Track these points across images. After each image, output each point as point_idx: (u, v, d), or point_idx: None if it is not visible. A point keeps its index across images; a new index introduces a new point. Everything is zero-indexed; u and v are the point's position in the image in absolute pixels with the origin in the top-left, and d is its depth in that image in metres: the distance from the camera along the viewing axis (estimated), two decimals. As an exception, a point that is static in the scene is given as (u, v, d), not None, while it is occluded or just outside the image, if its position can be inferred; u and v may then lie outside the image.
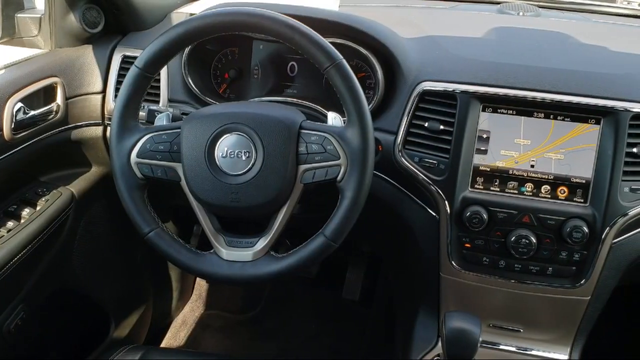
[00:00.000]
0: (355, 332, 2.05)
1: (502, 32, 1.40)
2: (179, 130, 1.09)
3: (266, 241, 1.09)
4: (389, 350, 1.48)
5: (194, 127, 1.08)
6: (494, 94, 1.17)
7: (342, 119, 1.11)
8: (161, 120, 1.18)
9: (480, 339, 1.13)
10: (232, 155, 1.07)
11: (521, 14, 1.57)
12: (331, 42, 1.26)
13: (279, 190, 1.06)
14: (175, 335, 2.07)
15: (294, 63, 1.39)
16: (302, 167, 1.06)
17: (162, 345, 2.03)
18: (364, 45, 1.29)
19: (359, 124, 1.03)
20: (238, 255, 1.10)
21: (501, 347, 1.34)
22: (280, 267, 1.08)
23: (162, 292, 2.04)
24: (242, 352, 2.04)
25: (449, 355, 1.07)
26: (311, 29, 1.03)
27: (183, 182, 1.10)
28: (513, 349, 1.34)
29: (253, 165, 1.06)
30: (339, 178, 1.05)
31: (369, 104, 1.27)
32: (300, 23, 1.04)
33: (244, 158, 1.06)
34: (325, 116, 1.16)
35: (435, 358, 1.30)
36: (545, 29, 1.44)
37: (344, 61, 1.03)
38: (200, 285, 2.24)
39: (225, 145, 1.07)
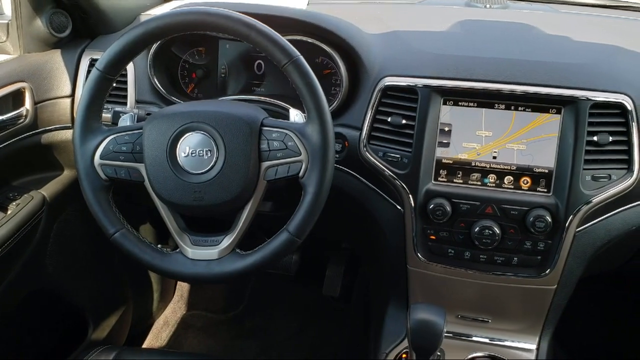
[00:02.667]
0: (335, 329, 2.06)
1: (467, 25, 1.41)
2: (141, 130, 1.10)
3: (231, 239, 1.10)
4: (365, 345, 1.49)
5: (155, 127, 1.09)
6: (454, 87, 1.18)
7: (304, 115, 1.12)
8: (125, 121, 1.18)
9: (446, 330, 1.15)
10: (194, 154, 1.07)
11: (488, 6, 1.58)
12: (294, 40, 1.29)
13: (241, 188, 1.07)
14: (157, 336, 2.08)
15: (261, 61, 1.40)
16: (265, 164, 1.07)
17: (144, 346, 2.03)
18: (326, 42, 1.30)
19: (318, 120, 1.04)
20: (203, 253, 1.11)
21: (470, 338, 1.35)
22: (245, 264, 1.09)
23: (143, 293, 2.04)
24: (224, 352, 2.05)
25: (413, 346, 1.08)
26: (268, 27, 1.04)
27: (147, 183, 1.10)
28: (482, 339, 1.35)
29: (215, 163, 1.07)
30: (300, 174, 1.06)
31: (334, 101, 1.29)
32: (257, 21, 1.04)
33: (205, 157, 1.07)
34: None
35: (405, 350, 1.31)
36: (510, 21, 1.46)
37: (302, 58, 1.04)
38: (182, 286, 2.25)
39: (187, 144, 1.08)
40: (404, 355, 1.30)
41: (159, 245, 1.15)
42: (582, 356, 1.98)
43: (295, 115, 1.14)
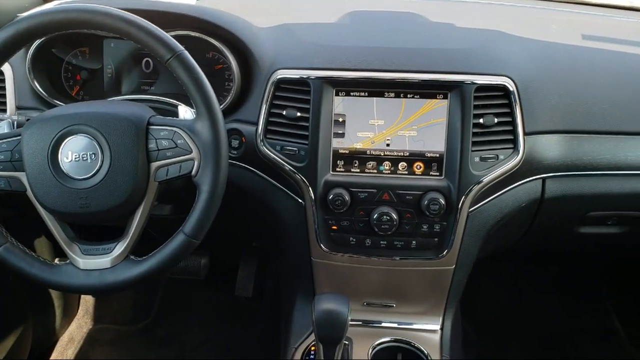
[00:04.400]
0: (250, 329, 2.04)
1: (357, 15, 1.42)
2: (19, 137, 1.03)
3: (124, 245, 1.06)
4: (275, 342, 1.48)
5: (34, 132, 1.03)
6: (345, 78, 1.19)
7: (193, 111, 1.09)
8: (2, 128, 1.11)
9: (352, 318, 1.16)
10: (78, 159, 1.02)
11: (383, -4, 1.61)
12: (181, 35, 1.27)
13: (130, 191, 1.03)
14: (62, 354, 1.97)
15: (149, 59, 1.36)
16: (154, 164, 1.04)
17: (48, 365, 1.93)
18: (216, 37, 1.27)
19: (207, 115, 1.02)
20: (95, 263, 1.06)
21: (376, 324, 1.37)
22: (141, 271, 1.05)
23: (43, 309, 1.93)
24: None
25: (319, 337, 1.08)
26: (148, 22, 1.00)
27: (29, 192, 1.04)
28: (388, 324, 1.38)
29: (100, 167, 1.02)
30: (193, 172, 1.03)
31: (228, 96, 1.27)
32: (137, 17, 1.01)
33: (90, 161, 1.02)
34: None
35: (313, 343, 1.31)
36: (399, 10, 1.49)
37: (186, 52, 1.01)
38: (87, 299, 2.15)
39: (70, 148, 1.02)
40: (312, 348, 1.30)
41: (56, 259, 1.09)
42: (489, 331, 2.07)
43: (185, 112, 1.11)
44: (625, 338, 2.06)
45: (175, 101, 1.30)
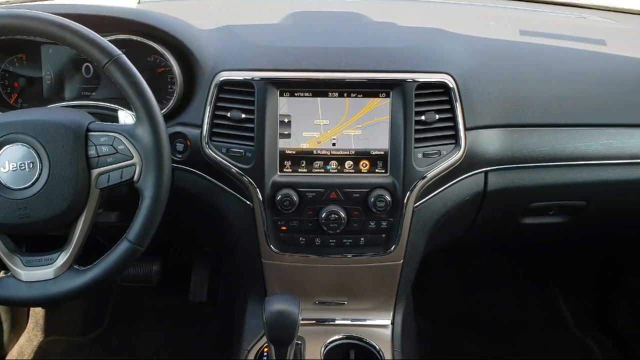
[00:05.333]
0: (205, 334, 2.02)
1: (299, 16, 1.43)
2: None
3: (67, 255, 1.04)
4: (230, 346, 1.48)
5: None
6: (288, 79, 1.19)
7: (134, 116, 1.07)
8: None
9: (304, 317, 1.17)
10: (15, 168, 1.00)
11: (321, -4, 1.62)
12: (120, 39, 1.25)
13: (71, 200, 1.01)
14: (12, 370, 1.92)
15: (89, 64, 1.33)
16: (95, 171, 1.02)
17: (-3, 382, 1.86)
18: (156, 40, 1.26)
19: (147, 120, 1.01)
20: (38, 274, 1.04)
21: (328, 322, 1.38)
22: (85, 280, 1.03)
23: (-11, 325, 1.87)
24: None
25: (270, 338, 1.09)
26: (83, 27, 0.99)
27: None
28: (340, 322, 1.39)
29: (39, 176, 1.00)
30: (135, 178, 1.02)
31: (170, 99, 1.26)
32: (71, 21, 0.99)
33: (28, 170, 1.00)
34: None
35: (266, 344, 1.31)
36: (341, 10, 1.50)
37: (123, 56, 1.00)
38: (36, 311, 2.09)
39: (6, 158, 1.00)
40: (265, 350, 1.30)
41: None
42: (443, 323, 2.11)
43: (125, 117, 1.10)
44: (573, 325, 2.13)
45: (111, 105, 1.28)
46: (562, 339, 2.10)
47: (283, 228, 1.24)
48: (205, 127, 1.21)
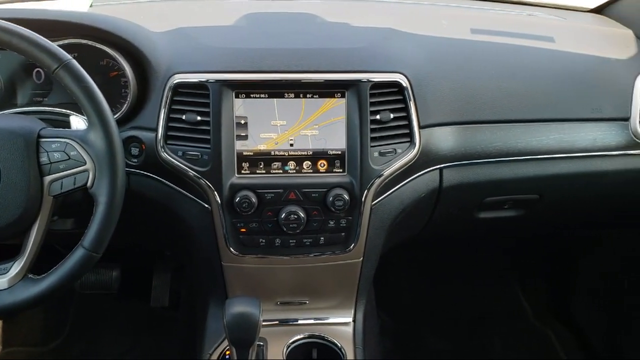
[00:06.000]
0: (168, 339, 2.00)
1: (254, 18, 1.43)
2: None
3: (21, 264, 1.02)
4: (193, 350, 1.47)
5: None
6: (244, 80, 1.19)
7: (86, 121, 1.06)
8: None
9: (265, 318, 1.17)
10: None
11: (276, -2, 1.62)
12: (70, 44, 1.23)
13: (23, 208, 0.99)
14: (-32, 384, 1.87)
15: (40, 70, 1.30)
16: (48, 178, 1.00)
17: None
18: (107, 43, 1.24)
19: (100, 125, 0.99)
20: None
21: (290, 322, 1.39)
22: (41, 290, 1.02)
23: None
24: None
25: (231, 340, 1.09)
26: (31, 31, 0.97)
27: None
28: (302, 321, 1.39)
29: None
30: (89, 184, 1.01)
31: (124, 103, 1.24)
32: (19, 26, 0.97)
33: None
34: None
35: (228, 347, 1.30)
36: (296, 12, 1.51)
37: (73, 61, 0.99)
38: (-8, 323, 2.04)
39: None
40: (227, 352, 1.29)
41: None
42: (406, 318, 2.14)
43: (77, 122, 1.08)
44: (532, 315, 2.19)
45: (63, 110, 1.25)
46: (521, 330, 2.15)
47: (242, 230, 1.23)
48: (160, 130, 1.20)
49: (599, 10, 1.74)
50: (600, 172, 1.40)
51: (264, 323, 1.33)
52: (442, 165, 1.32)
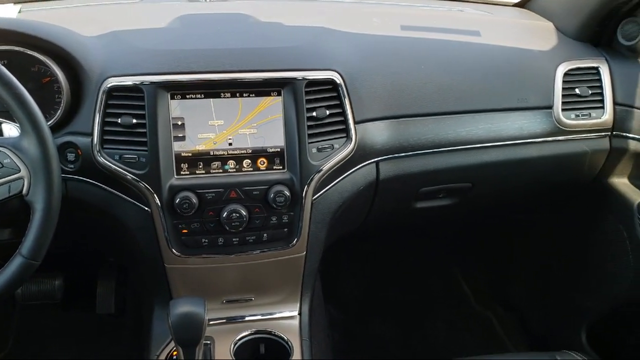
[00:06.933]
0: (116, 344, 1.98)
1: (188, 19, 1.43)
2: None
3: None
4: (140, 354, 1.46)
5: None
6: (178, 82, 1.20)
7: (19, 128, 1.04)
8: None
9: (212, 317, 1.18)
10: None
11: (208, 0, 1.62)
12: (3, 50, 1.20)
13: None
14: None
15: None
16: None
17: None
18: (39, 50, 1.22)
19: (33, 131, 0.98)
20: None
21: (238, 319, 1.40)
22: None
23: None
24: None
25: (177, 340, 1.09)
26: None
27: None
28: (249, 318, 1.41)
29: None
30: (24, 192, 1.00)
31: (58, 109, 1.23)
32: None
33: None
34: None
35: (175, 348, 1.31)
36: (230, 12, 1.52)
37: (3, 68, 0.97)
38: None
39: None
40: (174, 353, 1.30)
41: None
42: (353, 309, 2.18)
43: (10, 130, 1.06)
44: (474, 300, 2.27)
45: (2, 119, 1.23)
46: (464, 315, 2.23)
47: (184, 231, 1.24)
48: (95, 135, 1.19)
49: (522, 4, 1.82)
50: (527, 159, 1.48)
51: (210, 322, 1.36)
52: (378, 159, 1.36)
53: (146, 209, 1.23)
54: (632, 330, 1.68)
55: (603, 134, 1.53)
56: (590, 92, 1.50)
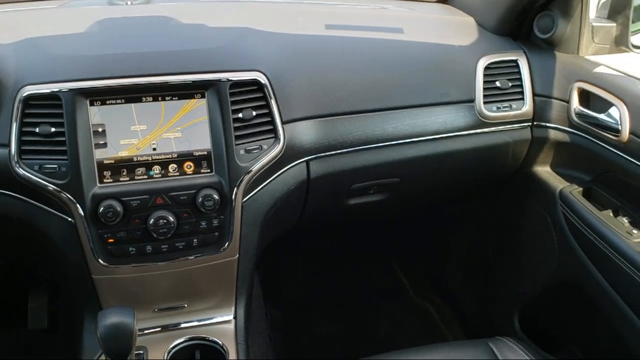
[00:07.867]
0: (50, 360, 1.92)
1: (108, 23, 1.39)
2: None
3: None
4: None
5: None
6: (97, 87, 1.17)
7: None
8: None
9: (143, 327, 1.15)
10: None
11: (129, 3, 1.58)
12: None
13: None
14: None
15: None
16: None
17: None
18: None
19: None
20: None
21: (172, 327, 1.38)
22: None
23: None
24: None
25: (107, 351, 1.07)
26: None
27: None
28: (184, 324, 1.39)
29: None
30: None
31: (-29, 120, 1.17)
32: None
33: None
34: None
35: (107, 360, 1.28)
36: (151, 15, 1.48)
37: None
38: None
39: None
40: (105, 365, 1.26)
41: None
42: (294, 309, 2.18)
43: None
44: (412, 292, 2.31)
45: None
46: (405, 308, 2.26)
47: (110, 240, 1.21)
48: (13, 145, 1.15)
49: (444, 0, 1.86)
50: (452, 152, 1.51)
51: (145, 332, 1.33)
52: (308, 158, 1.36)
53: (70, 219, 1.20)
54: (559, 311, 1.74)
55: (524, 124, 1.58)
56: (510, 84, 1.55)
